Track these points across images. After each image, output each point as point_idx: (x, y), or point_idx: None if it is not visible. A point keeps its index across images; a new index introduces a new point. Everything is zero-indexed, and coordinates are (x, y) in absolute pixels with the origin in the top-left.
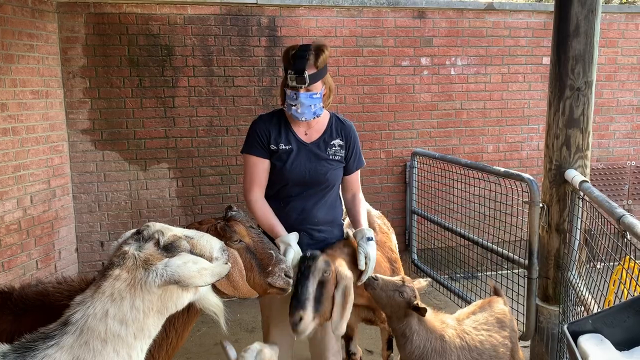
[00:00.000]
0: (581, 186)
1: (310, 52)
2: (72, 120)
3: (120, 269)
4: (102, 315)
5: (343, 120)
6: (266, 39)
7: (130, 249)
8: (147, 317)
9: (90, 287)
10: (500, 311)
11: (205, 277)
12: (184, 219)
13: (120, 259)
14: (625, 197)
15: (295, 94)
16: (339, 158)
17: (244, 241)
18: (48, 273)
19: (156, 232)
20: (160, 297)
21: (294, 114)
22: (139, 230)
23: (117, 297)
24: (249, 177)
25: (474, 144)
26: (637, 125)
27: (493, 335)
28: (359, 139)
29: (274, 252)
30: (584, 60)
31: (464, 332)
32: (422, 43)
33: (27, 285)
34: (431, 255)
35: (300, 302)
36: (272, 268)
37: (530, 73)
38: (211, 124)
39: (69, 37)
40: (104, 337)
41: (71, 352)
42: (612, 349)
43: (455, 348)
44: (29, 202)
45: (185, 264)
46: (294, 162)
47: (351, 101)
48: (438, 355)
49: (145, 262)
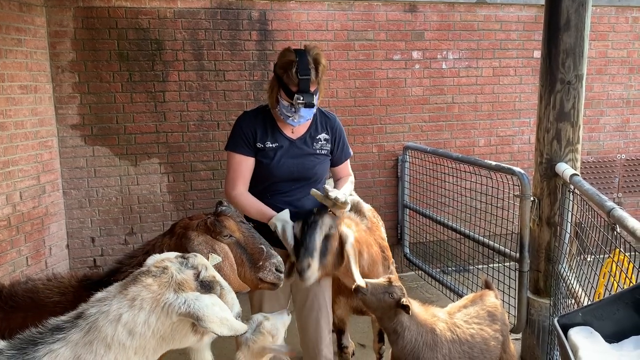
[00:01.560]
0: (572, 179)
1: (312, 69)
2: (62, 115)
3: (154, 279)
4: (115, 319)
5: (327, 113)
6: (257, 32)
7: (172, 266)
8: (153, 338)
9: (115, 285)
10: (492, 304)
11: (223, 328)
12: (175, 214)
13: (159, 271)
14: (615, 190)
15: (294, 108)
16: (325, 152)
17: (234, 236)
18: (38, 269)
19: (200, 265)
20: (173, 325)
21: (288, 122)
22: (184, 256)
23: (137, 305)
24: (233, 174)
25: (465, 137)
26: (627, 118)
27: (484, 328)
28: (344, 130)
29: (264, 247)
30: (575, 53)
31: (455, 326)
32: (413, 37)
33: (17, 282)
34: (423, 249)
35: (309, 250)
36: (262, 263)
37: (522, 67)
38: (202, 118)
39: (57, 32)
40: (110, 342)
41: (74, 350)
42: (602, 342)
43: (446, 341)
44: (18, 199)
45: (214, 306)
46: (282, 159)
47: (343, 95)
48: (429, 348)
49: (179, 285)
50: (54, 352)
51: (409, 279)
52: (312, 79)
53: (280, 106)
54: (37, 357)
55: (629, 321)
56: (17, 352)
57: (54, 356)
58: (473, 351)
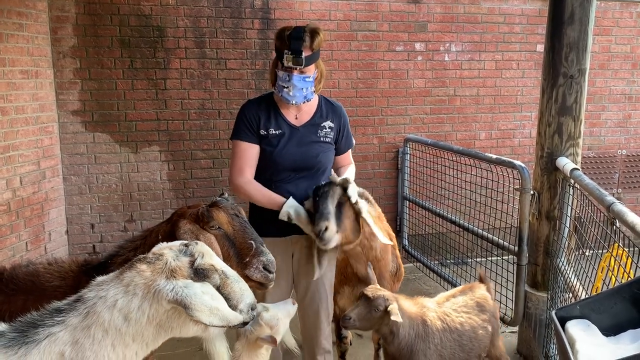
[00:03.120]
0: (572, 174)
1: (306, 34)
2: (62, 101)
3: (148, 266)
4: (112, 304)
5: (332, 102)
6: (259, 21)
7: (168, 253)
8: (150, 325)
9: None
10: (481, 296)
11: (213, 318)
12: (175, 202)
13: (153, 258)
14: (615, 186)
15: (288, 76)
16: (329, 140)
17: (223, 228)
18: (38, 255)
19: (197, 253)
20: (168, 313)
21: (284, 96)
22: (187, 243)
23: (131, 290)
24: (239, 162)
25: (466, 130)
26: (629, 114)
27: (472, 317)
28: (348, 120)
29: (254, 243)
30: (578, 47)
31: (445, 314)
32: (416, 28)
33: (18, 265)
34: (422, 241)
35: (324, 214)
36: (250, 259)
37: (524, 60)
38: (203, 106)
39: (59, 17)
40: (107, 327)
41: (73, 334)
42: (599, 335)
43: (437, 330)
44: (18, 184)
45: (204, 294)
46: (285, 147)
47: (344, 86)
48: (421, 339)
49: (171, 272)
50: (54, 336)
51: (407, 270)
52: (306, 43)
53: (278, 80)
54: (38, 340)
55: (626, 315)
56: (19, 334)
57: (54, 339)
58: (462, 339)
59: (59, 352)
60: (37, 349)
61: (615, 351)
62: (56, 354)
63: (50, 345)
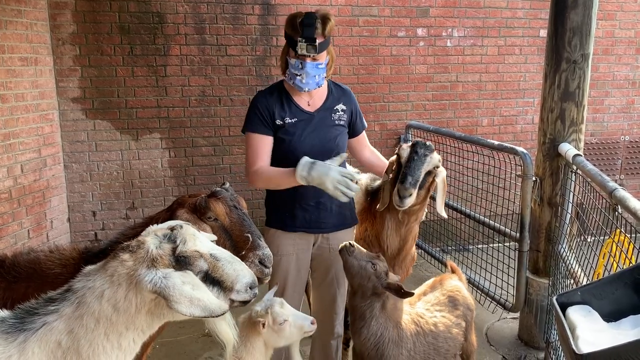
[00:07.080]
0: (574, 160)
1: (318, 21)
2: (62, 88)
3: (130, 255)
4: (99, 294)
5: (341, 85)
6: (260, 7)
7: (150, 240)
8: (139, 313)
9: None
10: (452, 288)
11: (194, 309)
12: (176, 190)
13: (135, 246)
14: (617, 172)
15: (301, 64)
16: (343, 123)
17: (219, 219)
18: (40, 242)
19: (180, 238)
20: (155, 301)
21: (297, 84)
22: (173, 227)
23: (115, 281)
24: (254, 154)
25: (468, 117)
26: (632, 100)
27: (446, 315)
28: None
29: (251, 237)
30: (582, 32)
31: (418, 316)
32: (418, 13)
33: (20, 253)
34: (423, 228)
35: (415, 181)
36: (246, 252)
37: (527, 46)
38: (203, 93)
39: (58, 3)
40: (97, 316)
41: (68, 323)
42: (600, 320)
43: (411, 335)
44: (19, 171)
45: (183, 284)
46: (303, 133)
47: (346, 72)
48: (394, 344)
49: (152, 261)
50: (49, 325)
51: None
52: (318, 30)
53: (289, 67)
54: (34, 329)
55: (627, 300)
56: (18, 321)
57: (49, 328)
58: (437, 341)
59: (55, 340)
60: (35, 337)
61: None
62: (53, 343)
63: (46, 334)
